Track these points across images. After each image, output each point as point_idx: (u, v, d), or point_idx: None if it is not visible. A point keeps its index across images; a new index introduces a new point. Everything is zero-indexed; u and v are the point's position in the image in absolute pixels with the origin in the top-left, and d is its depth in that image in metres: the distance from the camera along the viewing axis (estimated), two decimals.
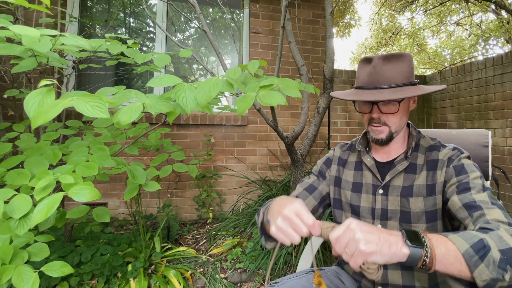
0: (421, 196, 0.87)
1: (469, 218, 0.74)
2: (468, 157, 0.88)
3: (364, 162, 1.00)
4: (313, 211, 1.04)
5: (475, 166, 0.85)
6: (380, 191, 0.94)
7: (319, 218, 1.05)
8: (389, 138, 0.91)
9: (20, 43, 1.09)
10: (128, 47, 1.29)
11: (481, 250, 0.60)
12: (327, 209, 1.11)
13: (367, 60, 0.92)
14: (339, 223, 1.04)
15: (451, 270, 0.61)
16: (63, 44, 0.94)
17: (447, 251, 0.61)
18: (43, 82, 0.73)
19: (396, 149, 0.97)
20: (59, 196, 0.83)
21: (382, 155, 0.99)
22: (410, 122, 1.00)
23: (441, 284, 0.86)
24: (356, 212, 0.98)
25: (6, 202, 0.84)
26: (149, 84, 0.87)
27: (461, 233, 0.65)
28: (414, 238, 0.62)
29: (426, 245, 0.61)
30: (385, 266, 0.90)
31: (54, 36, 0.94)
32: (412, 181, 0.90)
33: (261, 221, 0.94)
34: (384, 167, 0.96)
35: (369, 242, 0.59)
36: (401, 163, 0.93)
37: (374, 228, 0.63)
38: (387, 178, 0.93)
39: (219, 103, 1.32)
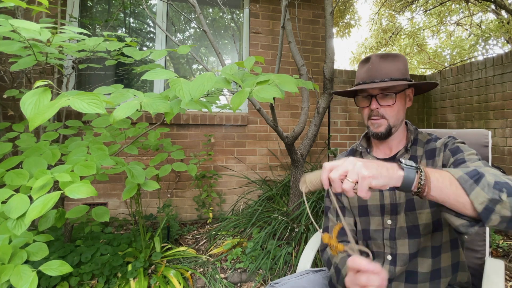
0: None
1: None
2: (463, 143, 0.91)
3: None
4: (355, 225, 1.03)
5: (469, 148, 0.88)
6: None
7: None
8: (388, 132, 0.95)
9: (20, 43, 1.09)
10: (126, 45, 1.28)
11: (475, 176, 0.63)
12: None
13: (365, 60, 0.98)
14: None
15: (447, 195, 0.63)
16: (62, 42, 0.94)
17: (441, 176, 0.64)
18: (39, 83, 0.73)
19: (396, 145, 1.00)
20: (55, 194, 0.83)
21: (384, 152, 1.01)
22: (407, 121, 1.04)
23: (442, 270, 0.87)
24: (364, 213, 0.98)
25: (3, 202, 0.84)
26: (145, 77, 0.87)
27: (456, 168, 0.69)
28: (409, 163, 0.65)
29: (420, 169, 0.64)
30: (389, 280, 0.90)
31: (53, 28, 0.94)
32: None
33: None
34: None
35: (369, 168, 0.62)
36: (403, 156, 0.96)
37: (370, 160, 0.66)
38: None
39: (217, 101, 1.32)
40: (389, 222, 0.92)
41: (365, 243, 0.98)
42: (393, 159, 0.97)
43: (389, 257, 0.92)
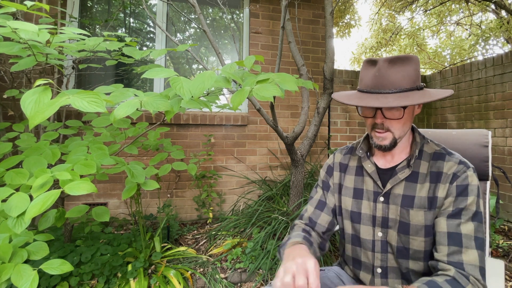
0: (422, 209, 0.85)
1: (446, 247, 0.78)
2: (473, 172, 0.84)
3: (365, 168, 0.96)
4: (331, 225, 1.02)
5: (477, 186, 0.83)
6: (381, 198, 0.91)
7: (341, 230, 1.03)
8: (393, 145, 0.88)
9: (20, 44, 1.09)
10: (126, 44, 1.29)
11: None
12: None
13: (371, 62, 0.87)
14: (339, 228, 1.03)
15: None
16: (62, 42, 0.94)
17: None
18: (39, 82, 0.73)
19: (398, 154, 0.93)
20: (55, 192, 0.83)
21: (384, 160, 0.95)
22: (414, 125, 0.96)
23: None
24: (356, 220, 0.96)
25: (4, 201, 0.84)
26: (146, 75, 0.87)
27: None
28: None
29: None
30: (385, 276, 0.91)
31: (53, 29, 0.94)
32: (413, 191, 0.87)
33: None
34: (385, 174, 0.93)
35: None
36: (403, 171, 0.89)
37: None
38: (388, 186, 0.90)
39: (217, 101, 1.32)
40: (380, 234, 0.91)
41: (353, 248, 0.97)
42: (393, 170, 0.92)
43: (379, 270, 0.91)
